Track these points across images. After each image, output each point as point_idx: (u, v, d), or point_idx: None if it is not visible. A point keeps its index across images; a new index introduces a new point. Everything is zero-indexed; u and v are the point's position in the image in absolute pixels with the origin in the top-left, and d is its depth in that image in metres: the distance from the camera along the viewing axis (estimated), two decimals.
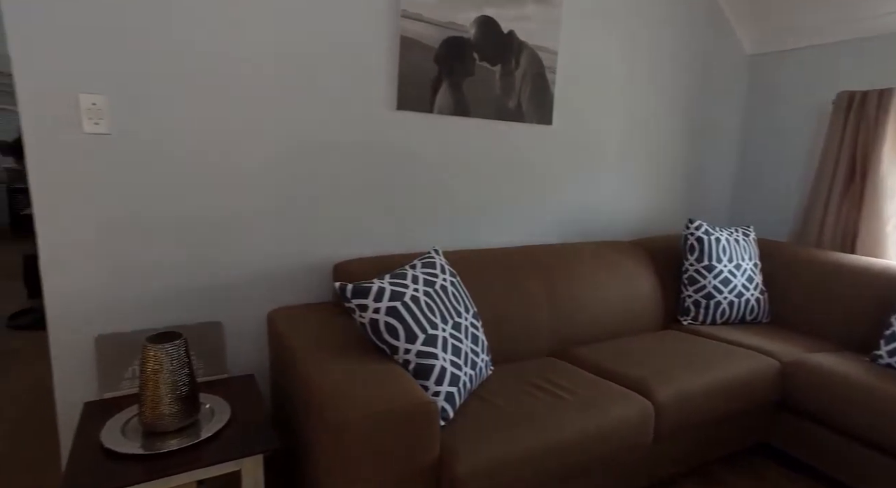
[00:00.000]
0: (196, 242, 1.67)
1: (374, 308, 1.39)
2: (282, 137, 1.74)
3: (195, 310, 1.71)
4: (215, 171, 1.66)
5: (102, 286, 1.57)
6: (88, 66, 1.45)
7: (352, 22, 1.76)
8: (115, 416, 1.37)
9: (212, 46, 1.58)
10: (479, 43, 1.98)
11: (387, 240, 2.00)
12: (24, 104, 1.39)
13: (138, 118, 1.53)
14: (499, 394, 1.54)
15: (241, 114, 1.66)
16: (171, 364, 1.28)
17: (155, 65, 1.52)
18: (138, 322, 1.63)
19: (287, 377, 1.50)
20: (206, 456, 1.24)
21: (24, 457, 1.82)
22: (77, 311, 1.55)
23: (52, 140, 1.44)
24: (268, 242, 1.78)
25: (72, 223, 1.50)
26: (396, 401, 1.17)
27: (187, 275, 1.68)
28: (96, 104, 1.47)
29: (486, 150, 2.14)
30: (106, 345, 1.57)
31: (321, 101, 1.77)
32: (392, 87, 1.87)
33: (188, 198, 1.64)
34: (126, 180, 1.54)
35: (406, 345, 1.37)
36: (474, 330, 1.62)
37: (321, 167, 1.82)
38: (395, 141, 1.93)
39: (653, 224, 2.78)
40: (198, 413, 1.36)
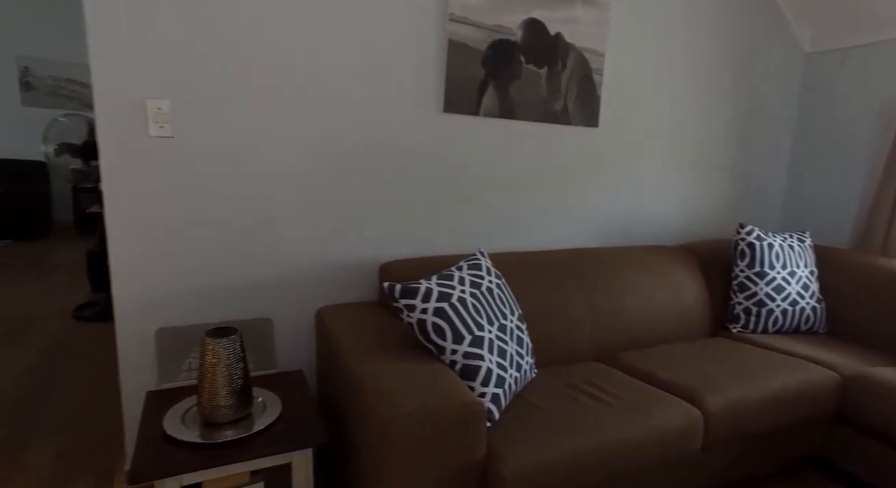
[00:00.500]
0: (249, 241, 1.74)
1: (422, 308, 1.41)
2: (331, 139, 1.79)
3: (247, 307, 1.78)
4: (268, 173, 1.72)
5: (163, 281, 1.65)
6: (154, 73, 1.53)
7: (400, 26, 1.80)
8: (175, 406, 1.44)
9: (264, 53, 1.64)
10: (526, 45, 1.98)
11: (431, 241, 2.02)
12: (99, 109, 1.48)
13: (199, 122, 1.60)
14: (543, 397, 1.54)
15: (292, 116, 1.72)
16: (227, 357, 1.34)
17: (213, 72, 1.59)
18: (195, 316, 1.71)
19: (334, 373, 1.54)
20: (259, 448, 1.29)
21: (90, 439, 1.93)
22: (140, 305, 1.64)
23: (122, 143, 1.53)
24: (316, 242, 1.84)
25: (138, 222, 1.59)
26: (444, 401, 1.19)
27: (241, 272, 1.75)
28: (161, 109, 1.55)
29: (531, 153, 2.13)
30: (165, 338, 1.65)
31: (369, 104, 1.81)
32: (439, 89, 1.90)
33: (242, 198, 1.70)
34: (186, 180, 1.62)
35: (453, 345, 1.39)
36: (519, 332, 1.62)
37: (369, 168, 1.86)
38: (441, 143, 1.95)
39: (700, 228, 2.71)
40: (251, 406, 1.42)
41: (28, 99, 5.75)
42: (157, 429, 1.34)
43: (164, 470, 1.19)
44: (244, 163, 1.68)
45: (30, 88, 5.74)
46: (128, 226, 1.58)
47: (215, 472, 1.26)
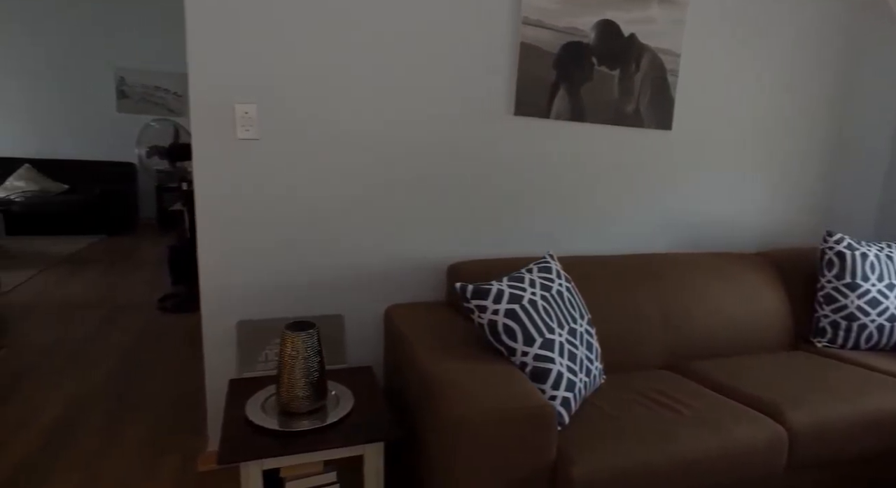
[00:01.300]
0: (323, 239, 1.81)
1: (493, 309, 1.42)
2: (403, 142, 1.83)
3: (320, 303, 1.85)
4: (342, 174, 1.79)
5: (244, 276, 1.74)
6: (243, 81, 1.62)
7: (474, 29, 1.82)
8: (256, 394, 1.52)
9: (341, 59, 1.71)
10: (599, 47, 1.95)
11: (499, 243, 2.02)
12: (194, 114, 1.60)
13: (282, 125, 1.69)
14: (613, 404, 1.51)
15: (366, 119, 1.77)
16: (305, 351, 1.39)
17: (296, 78, 1.67)
18: (272, 311, 1.79)
19: (403, 371, 1.57)
20: (334, 440, 1.33)
21: (176, 421, 2.07)
22: (224, 298, 1.74)
23: (212, 144, 1.63)
24: (387, 242, 1.88)
25: (223, 219, 1.69)
26: (516, 402, 1.19)
27: (315, 269, 1.82)
28: (248, 113, 1.65)
29: (601, 156, 2.09)
30: (245, 330, 1.74)
31: (442, 105, 1.84)
32: (510, 92, 1.90)
33: (318, 199, 1.78)
34: (268, 181, 1.71)
35: (524, 347, 1.39)
36: (588, 337, 1.59)
37: (439, 170, 1.89)
38: (512, 146, 1.95)
39: (781, 236, 2.56)
40: (325, 398, 1.47)
41: (122, 106, 6.23)
42: (240, 415, 1.41)
43: (248, 454, 1.26)
44: (322, 165, 1.75)
45: (124, 96, 6.22)
46: (215, 223, 1.68)
47: (293, 460, 1.32)
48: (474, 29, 1.82)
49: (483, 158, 1.93)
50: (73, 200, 5.61)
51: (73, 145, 6.19)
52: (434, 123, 1.85)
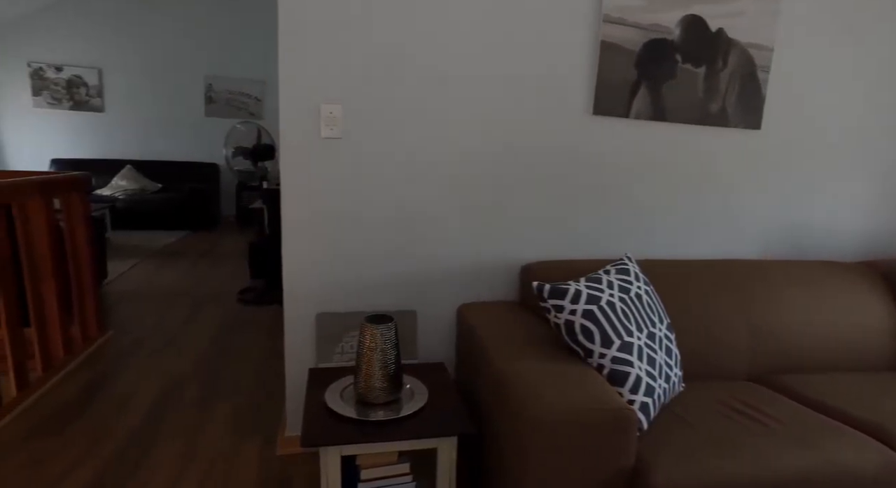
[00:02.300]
0: (399, 237, 1.86)
1: (571, 309, 1.40)
2: (480, 142, 1.84)
3: (394, 299, 1.90)
4: (420, 174, 1.83)
5: (324, 270, 1.82)
6: (329, 82, 1.70)
7: (554, 29, 1.80)
8: (335, 383, 1.58)
9: (423, 58, 1.74)
10: (684, 44, 1.88)
11: (574, 244, 1.99)
12: (283, 114, 1.69)
13: (364, 125, 1.75)
14: (694, 413, 1.45)
15: (444, 119, 1.80)
16: (383, 343, 1.44)
17: (379, 80, 1.73)
18: (349, 304, 1.86)
19: (475, 368, 1.59)
20: (408, 431, 1.37)
21: (257, 405, 2.20)
22: (304, 291, 1.82)
23: (298, 143, 1.72)
24: (461, 240, 1.90)
25: (307, 215, 1.77)
26: (594, 403, 1.17)
27: (390, 266, 1.87)
28: (333, 113, 1.72)
29: (683, 156, 2.02)
30: (324, 322, 1.82)
31: (519, 105, 1.84)
32: (589, 91, 1.87)
33: (395, 197, 1.83)
34: (348, 179, 1.78)
35: (601, 349, 1.36)
36: (668, 342, 1.54)
37: (514, 170, 1.89)
38: (590, 146, 1.92)
39: (887, 245, 2.35)
40: (401, 391, 1.51)
41: (209, 111, 6.68)
42: (320, 403, 1.48)
43: (329, 439, 1.31)
44: (401, 164, 1.80)
45: (211, 102, 6.66)
46: (298, 218, 1.77)
47: (371, 448, 1.36)
48: (554, 29, 1.80)
49: (560, 158, 1.91)
50: (165, 198, 6.07)
51: (166, 147, 6.69)
52: (511, 124, 1.85)
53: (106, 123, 6.52)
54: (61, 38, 6.24)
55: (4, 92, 6.24)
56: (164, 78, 6.53)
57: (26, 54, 6.20)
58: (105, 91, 6.44)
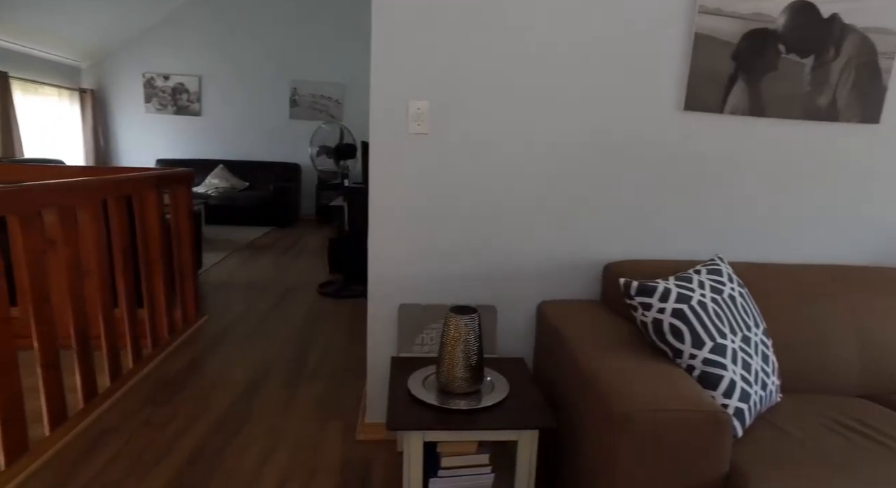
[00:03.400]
0: (481, 232, 1.88)
1: (659, 308, 1.36)
2: (564, 138, 1.83)
3: (475, 294, 1.92)
4: (505, 170, 1.84)
5: (407, 263, 1.87)
6: (416, 78, 1.75)
7: (644, 21, 1.76)
8: (417, 372, 1.63)
9: (505, 49, 1.76)
10: (789, 33, 1.77)
11: (660, 245, 1.93)
12: (373, 111, 1.76)
13: (451, 120, 1.79)
14: (798, 426, 1.36)
15: (528, 115, 1.81)
16: (467, 333, 1.46)
17: (465, 75, 1.76)
18: (430, 297, 1.90)
19: (557, 365, 1.57)
20: (491, 421, 1.38)
21: (338, 391, 2.30)
22: (388, 282, 1.89)
23: (386, 139, 1.78)
24: (542, 237, 1.90)
25: (393, 209, 1.83)
26: (686, 404, 1.13)
27: (472, 260, 1.89)
28: (420, 109, 1.77)
29: (784, 153, 1.90)
30: (406, 313, 1.87)
31: (606, 100, 1.81)
32: (680, 86, 1.81)
33: (479, 193, 1.85)
34: (433, 174, 1.82)
35: (692, 349, 1.31)
36: (764, 348, 1.46)
37: (599, 166, 1.86)
38: (679, 143, 1.85)
39: None
40: (481, 382, 1.53)
41: (293, 113, 7.05)
42: (403, 390, 1.53)
43: (413, 424, 1.35)
44: (485, 160, 1.82)
45: (295, 105, 7.03)
46: (385, 212, 1.84)
47: (452, 435, 1.39)
48: (645, 21, 1.76)
49: (647, 156, 1.86)
50: (252, 196, 6.47)
51: (253, 147, 7.14)
52: (598, 119, 1.82)
53: (203, 126, 7.05)
54: (169, 51, 6.83)
55: (122, 99, 6.92)
56: (254, 83, 6.97)
57: (141, 66, 6.84)
58: (203, 97, 6.96)
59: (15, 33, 5.43)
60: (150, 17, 6.55)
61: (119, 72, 6.86)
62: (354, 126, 6.94)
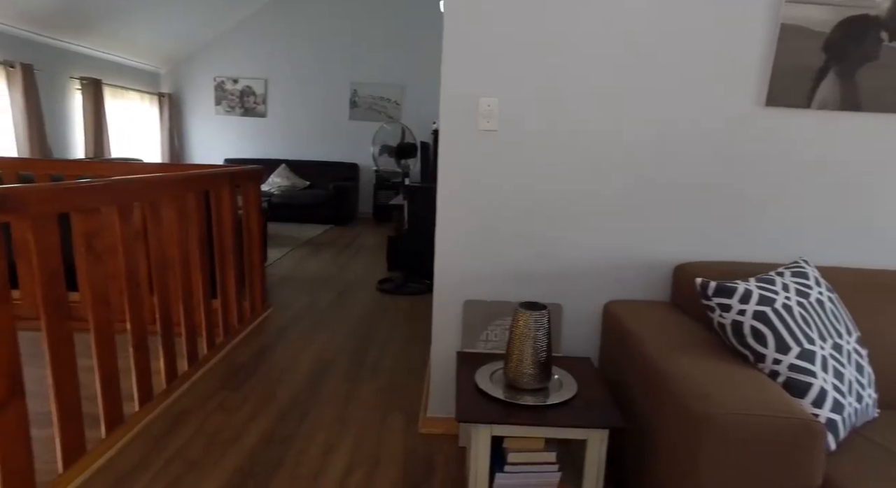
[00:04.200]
0: (549, 231, 1.86)
1: (739, 309, 1.30)
2: (635, 135, 1.78)
3: (540, 292, 1.90)
4: (573, 167, 1.81)
5: (473, 259, 1.88)
6: (486, 76, 1.75)
7: (723, 13, 1.69)
8: (483, 367, 1.63)
9: (578, 45, 1.73)
10: (894, 19, 1.65)
11: (733, 247, 1.85)
12: (444, 106, 1.78)
13: (519, 118, 1.78)
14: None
15: (598, 112, 1.77)
16: (536, 330, 1.45)
17: (533, 73, 1.75)
18: (495, 294, 1.90)
19: (626, 366, 1.54)
20: (559, 418, 1.36)
21: (399, 384, 2.34)
22: (454, 277, 1.90)
23: (457, 136, 1.80)
24: (610, 236, 1.86)
25: (460, 206, 1.84)
26: (774, 411, 1.08)
27: (537, 258, 1.88)
28: (490, 106, 1.78)
29: (883, 151, 1.77)
30: (471, 309, 1.88)
31: (680, 95, 1.75)
32: (762, 80, 1.72)
33: (546, 190, 1.83)
34: (502, 171, 1.82)
35: (776, 354, 1.25)
36: (858, 357, 1.36)
37: (671, 165, 1.80)
38: (759, 140, 1.77)
39: None
40: (549, 380, 1.51)
41: (353, 114, 7.24)
42: (471, 383, 1.53)
43: (482, 417, 1.36)
44: (554, 158, 1.81)
45: (355, 106, 7.21)
46: (452, 208, 1.85)
47: (521, 430, 1.38)
48: (726, 11, 1.69)
49: (723, 154, 1.78)
50: (312, 195, 6.68)
51: (314, 148, 7.37)
52: (671, 115, 1.76)
53: (267, 127, 7.35)
54: (238, 56, 7.16)
55: (195, 102, 7.32)
56: (316, 86, 7.20)
57: (212, 70, 7.21)
58: (268, 99, 7.26)
59: (107, 43, 5.86)
60: (221, 24, 6.90)
61: (193, 76, 7.26)
62: (412, 127, 7.03)
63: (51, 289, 1.49)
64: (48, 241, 1.48)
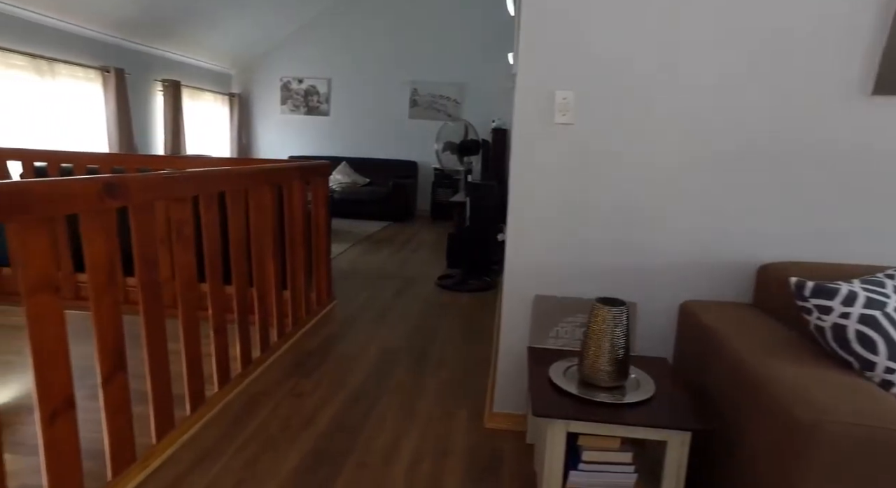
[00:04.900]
0: (623, 226, 1.81)
1: (842, 312, 1.22)
2: (717, 127, 1.71)
3: (613, 288, 1.86)
4: (652, 162, 1.76)
5: (544, 254, 1.86)
6: (562, 69, 1.73)
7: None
8: (556, 363, 1.61)
9: (659, 34, 1.67)
10: None
11: (822, 247, 1.73)
12: (518, 101, 1.77)
13: (595, 111, 1.75)
14: None
15: (682, 108, 1.71)
16: (615, 326, 1.42)
17: (610, 65, 1.70)
18: (566, 290, 1.87)
19: (711, 368, 1.47)
20: (638, 418, 1.32)
21: (462, 379, 2.34)
22: (524, 272, 1.88)
23: (532, 129, 1.78)
24: (689, 234, 1.79)
25: (533, 200, 1.82)
26: (891, 422, 1.00)
27: (612, 254, 1.83)
28: (566, 99, 1.75)
29: None
30: (541, 305, 1.86)
31: (768, 84, 1.66)
32: (869, 66, 1.60)
33: (624, 186, 1.78)
34: (576, 165, 1.79)
35: (888, 362, 1.16)
36: None
37: (756, 159, 1.71)
38: (860, 132, 1.65)
39: None
40: (626, 378, 1.47)
41: (413, 113, 7.33)
42: (545, 379, 1.51)
43: (559, 412, 1.34)
44: (631, 152, 1.76)
45: (415, 105, 7.30)
46: (525, 202, 1.83)
47: (598, 428, 1.35)
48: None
49: (818, 148, 1.67)
50: (372, 191, 6.81)
51: (374, 145, 7.51)
52: (757, 106, 1.68)
53: (329, 125, 7.56)
54: (303, 57, 7.41)
55: (263, 102, 7.64)
56: (377, 85, 7.34)
57: (279, 71, 7.50)
58: (331, 98, 7.47)
59: (186, 47, 6.21)
60: (287, 27, 7.16)
61: (260, 77, 7.57)
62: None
63: (147, 274, 1.59)
64: (147, 228, 1.58)
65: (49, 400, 1.22)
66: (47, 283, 1.22)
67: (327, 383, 2.27)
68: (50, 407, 1.23)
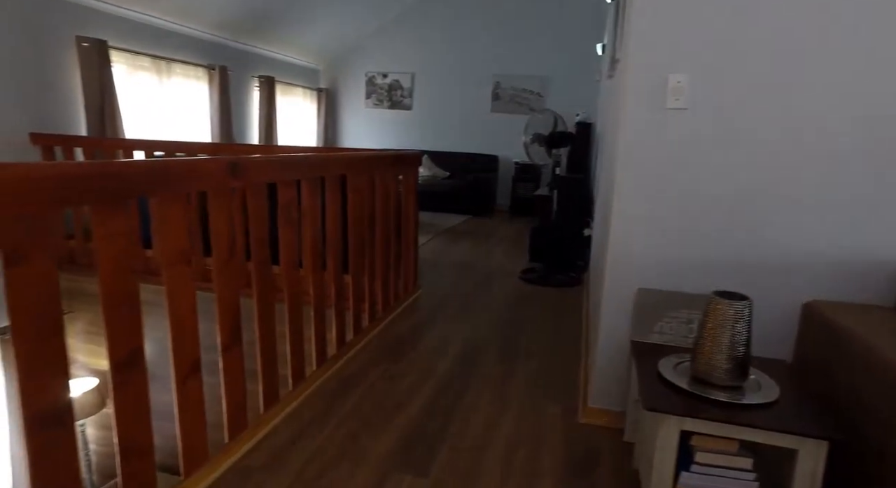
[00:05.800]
0: (736, 217, 1.68)
1: None
2: (843, 113, 1.54)
3: (723, 284, 1.73)
4: (774, 151, 1.62)
5: (650, 246, 1.77)
6: (676, 51, 1.63)
7: None
8: (664, 358, 1.52)
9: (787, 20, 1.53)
10: None
11: None
12: (630, 86, 1.69)
13: (711, 95, 1.63)
14: None
15: (809, 95, 1.56)
16: (735, 322, 1.32)
17: (726, 45, 1.58)
18: (671, 283, 1.77)
19: (844, 373, 1.34)
20: (763, 421, 1.22)
21: (552, 372, 2.30)
22: (627, 264, 1.80)
23: (642, 115, 1.70)
24: (814, 229, 1.63)
25: (640, 188, 1.74)
26: None
27: (724, 248, 1.71)
28: (680, 82, 1.65)
29: None
30: (644, 298, 1.77)
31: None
32: None
33: (738, 175, 1.66)
34: (691, 153, 1.68)
35: None
36: None
37: (892, 147, 1.53)
38: None
39: None
40: (745, 379, 1.37)
41: (495, 107, 7.28)
42: (654, 373, 1.44)
43: (673, 408, 1.27)
44: (749, 139, 1.63)
45: (497, 98, 7.25)
46: (631, 190, 1.75)
47: (717, 428, 1.27)
48: None
49: None
50: (453, 185, 6.85)
51: (455, 139, 7.55)
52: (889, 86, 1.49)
53: (412, 119, 7.68)
54: (388, 52, 7.58)
55: (349, 96, 7.90)
56: (460, 79, 7.36)
57: (364, 67, 7.72)
58: (414, 92, 7.58)
59: (280, 45, 6.54)
60: (373, 23, 7.34)
61: (346, 72, 7.83)
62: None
63: (260, 253, 1.68)
64: (260, 209, 1.67)
65: (183, 362, 1.32)
66: (182, 256, 1.31)
67: (418, 368, 2.30)
68: (184, 369, 1.33)
